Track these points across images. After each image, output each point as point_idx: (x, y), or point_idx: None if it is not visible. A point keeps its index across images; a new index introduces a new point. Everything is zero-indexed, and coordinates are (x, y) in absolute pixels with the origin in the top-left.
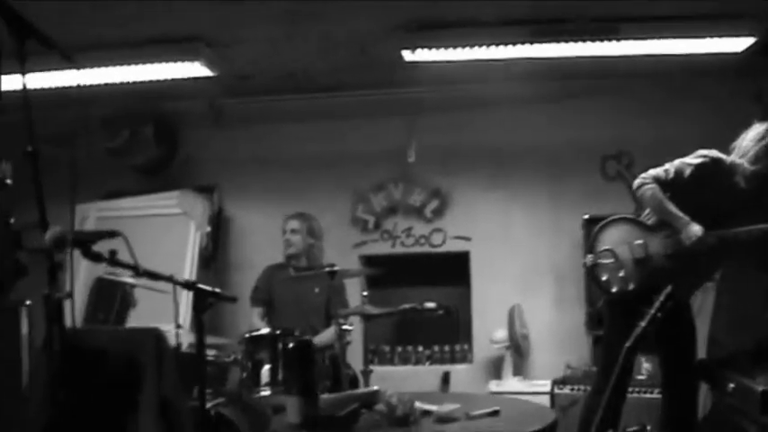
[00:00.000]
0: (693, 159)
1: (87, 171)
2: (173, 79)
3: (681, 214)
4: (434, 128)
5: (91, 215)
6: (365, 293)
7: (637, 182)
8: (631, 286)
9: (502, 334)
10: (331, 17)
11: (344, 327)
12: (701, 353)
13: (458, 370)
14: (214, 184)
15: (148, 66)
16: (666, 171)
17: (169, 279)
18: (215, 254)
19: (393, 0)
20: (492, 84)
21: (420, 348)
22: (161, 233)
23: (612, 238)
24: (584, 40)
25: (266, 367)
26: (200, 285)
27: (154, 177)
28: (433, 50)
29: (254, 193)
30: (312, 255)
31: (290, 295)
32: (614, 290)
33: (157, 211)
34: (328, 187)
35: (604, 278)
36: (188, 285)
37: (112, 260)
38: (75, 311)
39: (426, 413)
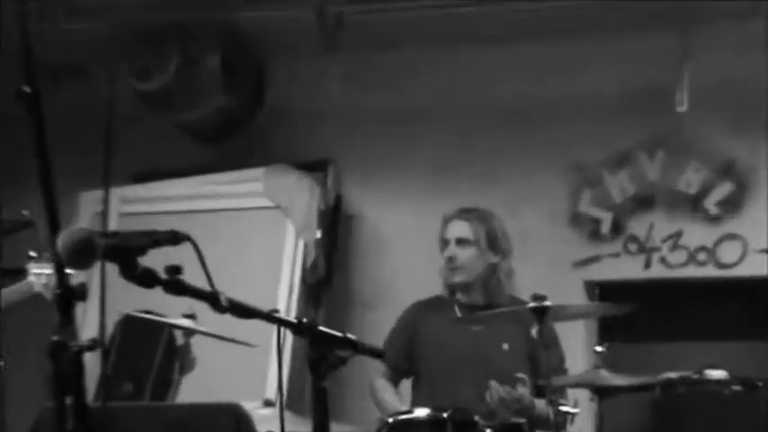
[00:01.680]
0: None
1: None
2: None
3: None
4: (721, 51)
5: (111, 209)
6: (599, 349)
7: None
8: None
9: None
10: None
11: (563, 407)
12: None
13: None
14: (327, 158)
15: None
16: None
17: (270, 317)
18: (329, 277)
19: None
20: None
21: None
22: (234, 241)
23: None
24: None
25: None
26: (323, 328)
27: (220, 144)
28: None
29: (396, 172)
30: (494, 283)
31: (455, 353)
32: None
33: (227, 202)
34: (524, 161)
35: None
36: (302, 327)
37: (174, 284)
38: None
39: None
